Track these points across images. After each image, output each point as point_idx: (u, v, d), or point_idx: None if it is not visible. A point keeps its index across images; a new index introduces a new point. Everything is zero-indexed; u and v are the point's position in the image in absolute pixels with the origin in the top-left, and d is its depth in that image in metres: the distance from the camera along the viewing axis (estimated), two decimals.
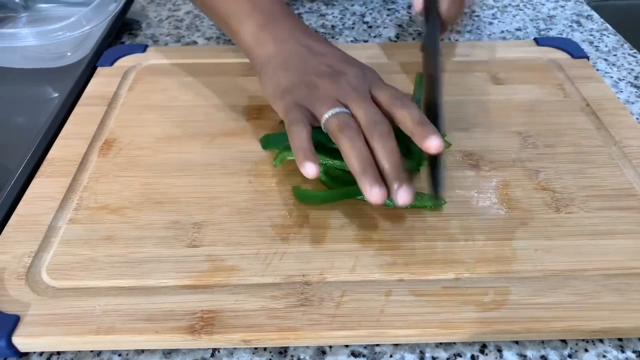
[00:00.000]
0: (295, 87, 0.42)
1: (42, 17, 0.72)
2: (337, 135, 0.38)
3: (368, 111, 0.39)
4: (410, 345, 0.35)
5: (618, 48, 0.65)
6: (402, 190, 0.35)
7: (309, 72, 0.42)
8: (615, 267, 0.37)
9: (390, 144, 0.37)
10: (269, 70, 0.44)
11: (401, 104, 0.39)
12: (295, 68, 0.43)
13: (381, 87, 0.42)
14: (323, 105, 0.40)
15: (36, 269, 0.38)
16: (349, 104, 0.40)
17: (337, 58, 0.44)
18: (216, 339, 0.34)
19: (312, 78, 0.42)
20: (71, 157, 0.47)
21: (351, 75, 0.42)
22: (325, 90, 0.41)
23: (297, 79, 0.42)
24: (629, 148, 0.47)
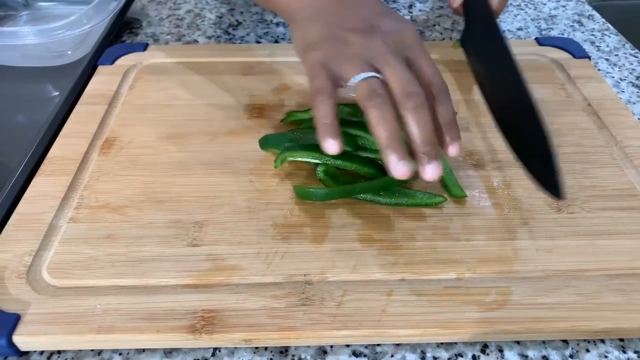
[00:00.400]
0: (324, 40, 0.38)
1: (43, 15, 0.72)
2: (365, 104, 0.35)
3: (402, 78, 0.35)
4: (411, 345, 0.35)
5: (619, 48, 0.64)
6: (430, 166, 0.34)
7: (341, 25, 0.38)
8: (617, 268, 0.37)
9: (423, 118, 0.34)
10: (299, 22, 0.40)
11: (437, 93, 0.36)
12: (326, 20, 0.39)
13: (419, 55, 0.37)
14: (352, 67, 0.36)
15: (37, 267, 0.38)
16: (382, 67, 0.36)
17: (376, 11, 0.39)
18: (217, 338, 0.34)
19: (343, 33, 0.38)
20: (72, 156, 0.47)
21: (388, 32, 0.37)
22: (357, 48, 0.37)
23: (327, 31, 0.38)
24: (630, 148, 0.47)
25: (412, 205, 0.42)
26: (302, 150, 0.42)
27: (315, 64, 0.37)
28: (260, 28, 0.69)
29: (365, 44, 0.37)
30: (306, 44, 0.39)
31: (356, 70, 0.36)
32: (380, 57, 0.36)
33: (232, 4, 0.75)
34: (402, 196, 0.42)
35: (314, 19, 0.39)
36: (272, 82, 0.55)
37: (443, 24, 0.69)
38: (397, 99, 0.35)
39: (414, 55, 0.37)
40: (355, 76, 0.36)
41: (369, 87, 0.35)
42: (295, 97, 0.53)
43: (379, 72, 0.36)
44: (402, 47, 0.37)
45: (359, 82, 0.35)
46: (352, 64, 0.36)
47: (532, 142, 0.39)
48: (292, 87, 0.55)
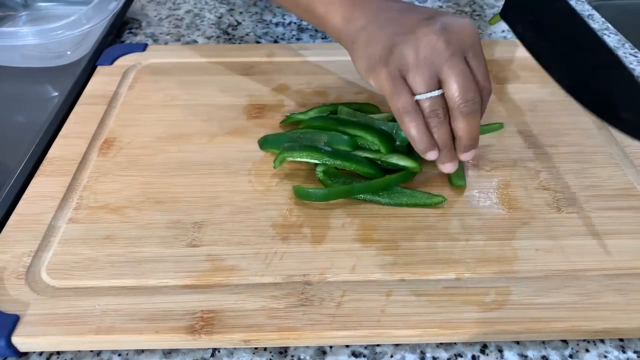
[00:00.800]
0: (389, 52, 0.38)
1: (42, 15, 0.72)
2: (431, 121, 0.39)
3: (463, 84, 0.37)
4: (410, 345, 0.35)
5: (619, 48, 0.64)
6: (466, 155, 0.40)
7: (402, 30, 0.38)
8: (616, 267, 0.37)
9: (473, 123, 0.38)
10: (360, 43, 0.40)
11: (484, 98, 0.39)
12: (387, 32, 0.39)
13: (478, 56, 0.39)
14: (421, 79, 0.38)
15: (36, 268, 0.38)
16: (446, 72, 0.37)
17: (433, 11, 0.40)
18: (216, 339, 0.34)
19: (407, 35, 0.38)
20: (71, 157, 0.47)
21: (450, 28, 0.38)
22: (421, 53, 0.37)
23: (391, 42, 0.38)
24: (630, 148, 0.47)
25: (412, 205, 0.42)
26: (301, 151, 0.42)
27: (389, 80, 0.38)
28: (259, 28, 0.69)
29: (429, 44, 0.37)
30: (373, 63, 0.39)
31: (423, 84, 0.38)
32: (444, 60, 0.37)
33: (232, 4, 0.75)
34: (401, 196, 0.42)
35: (374, 37, 0.40)
36: (271, 82, 0.55)
37: None
38: (455, 102, 0.38)
39: (473, 56, 0.38)
40: (421, 94, 0.38)
41: (431, 107, 0.38)
42: (294, 97, 0.53)
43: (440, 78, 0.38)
44: (463, 46, 0.38)
45: (423, 99, 0.38)
46: (421, 75, 0.38)
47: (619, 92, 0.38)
48: (292, 87, 0.55)
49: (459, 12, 0.71)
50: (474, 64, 0.38)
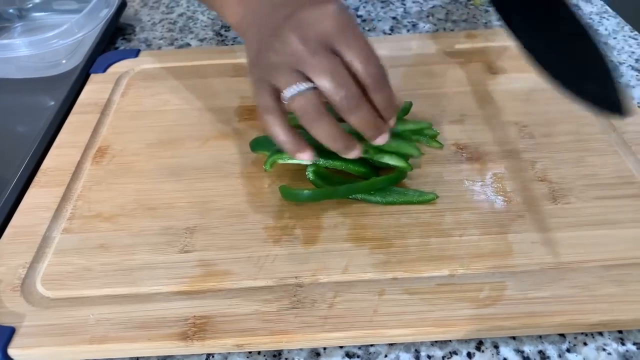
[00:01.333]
0: (258, 52, 0.37)
1: (37, 26, 0.72)
2: (304, 123, 0.36)
3: (331, 82, 0.34)
4: (405, 344, 0.35)
5: (618, 31, 0.63)
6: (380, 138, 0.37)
7: (267, 31, 0.37)
8: (614, 258, 0.37)
9: (363, 116, 0.35)
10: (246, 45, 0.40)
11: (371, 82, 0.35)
12: (257, 36, 0.38)
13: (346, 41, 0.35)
14: (283, 78, 0.35)
15: (31, 280, 0.38)
16: (308, 73, 0.34)
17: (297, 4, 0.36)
18: (209, 344, 0.34)
19: (268, 39, 0.36)
20: (65, 167, 0.47)
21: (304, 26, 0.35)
22: (280, 54, 0.35)
23: (257, 46, 0.37)
24: (628, 134, 0.46)
25: (403, 203, 0.41)
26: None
27: (255, 81, 0.37)
28: None
29: (286, 46, 0.35)
30: (249, 63, 0.39)
31: (287, 81, 0.35)
32: (303, 62, 0.35)
33: None
34: (392, 194, 0.41)
35: (250, 32, 0.39)
36: None
37: (437, 14, 0.68)
38: (333, 105, 0.35)
39: (340, 43, 0.35)
40: (287, 90, 0.35)
41: (302, 102, 0.35)
42: None
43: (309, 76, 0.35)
44: (323, 39, 0.35)
45: (291, 97, 0.35)
46: (282, 75, 0.35)
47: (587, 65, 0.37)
48: None
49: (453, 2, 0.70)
50: (344, 50, 0.35)
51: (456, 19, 0.67)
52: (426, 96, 0.52)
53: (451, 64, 0.56)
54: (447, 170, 0.44)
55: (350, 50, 0.35)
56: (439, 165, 0.44)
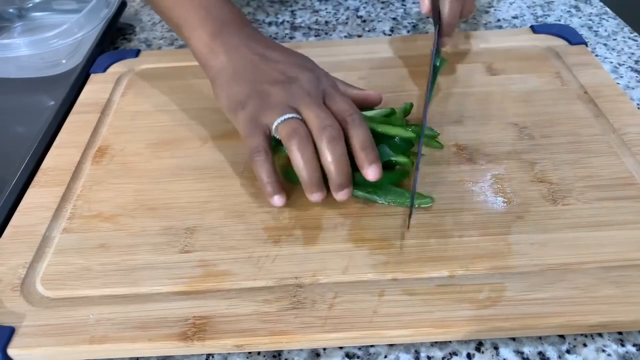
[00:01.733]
0: (249, 98, 0.41)
1: (37, 25, 0.72)
2: (287, 144, 0.39)
3: (318, 115, 0.39)
4: (405, 345, 0.35)
5: (618, 32, 0.63)
6: (342, 192, 0.39)
7: (261, 80, 0.42)
8: (613, 259, 0.37)
9: (337, 150, 0.38)
10: (222, 82, 0.44)
11: (351, 121, 0.39)
12: (247, 78, 0.42)
13: (334, 97, 0.41)
14: (274, 113, 0.40)
15: (31, 279, 0.38)
16: (300, 108, 0.40)
17: (291, 63, 0.43)
18: (209, 344, 0.34)
19: (264, 87, 0.41)
20: (65, 166, 0.47)
21: (304, 80, 0.42)
22: (277, 97, 0.41)
23: (250, 89, 0.42)
24: (628, 135, 0.46)
25: (399, 204, 0.41)
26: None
27: (246, 122, 0.41)
28: None
29: (284, 92, 0.41)
30: (233, 105, 0.42)
31: (277, 114, 0.39)
32: (299, 100, 0.40)
33: None
34: (391, 194, 0.41)
35: (235, 79, 0.43)
36: None
37: None
38: (314, 133, 0.38)
39: (330, 96, 0.41)
40: (276, 120, 0.39)
41: (289, 127, 0.39)
42: None
43: (299, 112, 0.40)
44: (318, 91, 0.41)
45: (280, 124, 0.39)
46: (274, 110, 0.40)
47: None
48: None
49: None
50: (331, 100, 0.41)
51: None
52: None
53: (451, 64, 0.56)
54: (446, 171, 0.44)
55: (338, 99, 0.41)
56: (439, 166, 0.44)
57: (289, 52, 0.46)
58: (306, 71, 0.43)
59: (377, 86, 0.52)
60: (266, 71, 0.43)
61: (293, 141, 0.38)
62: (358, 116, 0.40)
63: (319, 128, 0.38)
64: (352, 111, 0.40)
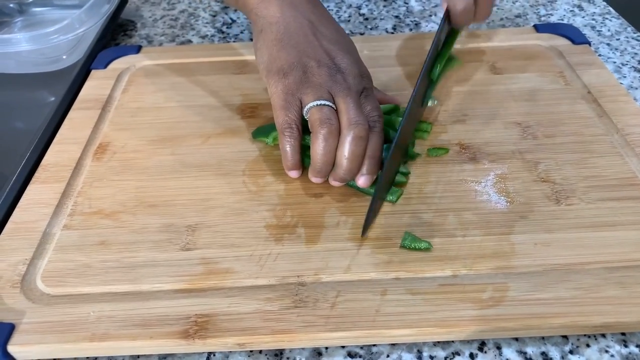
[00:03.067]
0: (293, 68, 0.40)
1: (38, 21, 0.72)
2: (315, 129, 0.39)
3: (352, 109, 0.39)
4: (407, 344, 0.35)
5: (621, 32, 0.63)
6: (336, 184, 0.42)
7: (309, 54, 0.41)
8: (617, 260, 0.36)
9: (358, 150, 0.38)
10: (269, 39, 0.42)
11: (374, 127, 0.40)
12: (296, 46, 0.41)
13: (370, 98, 0.41)
14: (312, 94, 0.39)
15: (31, 276, 0.38)
16: (337, 98, 0.39)
17: (341, 50, 0.42)
18: (210, 343, 0.33)
19: (311, 63, 0.40)
20: (66, 163, 0.47)
21: (349, 73, 0.41)
22: (320, 78, 0.40)
23: (296, 59, 0.41)
24: (631, 136, 0.46)
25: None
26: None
27: (283, 93, 0.40)
28: None
29: (328, 77, 0.40)
30: (274, 69, 0.41)
31: (315, 96, 0.39)
32: (340, 90, 0.40)
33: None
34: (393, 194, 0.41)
35: (283, 42, 0.42)
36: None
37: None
38: (343, 125, 0.38)
39: (366, 96, 0.41)
40: (312, 102, 0.39)
41: (321, 114, 0.38)
42: None
43: (334, 101, 0.40)
44: (358, 88, 0.41)
45: (314, 107, 0.39)
46: (314, 91, 0.39)
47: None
48: None
49: None
50: (366, 102, 0.41)
51: None
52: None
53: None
54: (449, 170, 0.44)
55: (371, 104, 0.41)
56: (442, 165, 0.44)
57: (341, 32, 0.44)
58: (353, 64, 0.42)
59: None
60: (316, 47, 0.41)
61: (322, 129, 0.38)
62: (380, 125, 0.40)
63: (349, 122, 0.38)
64: (378, 118, 0.41)
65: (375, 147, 0.40)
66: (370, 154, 0.39)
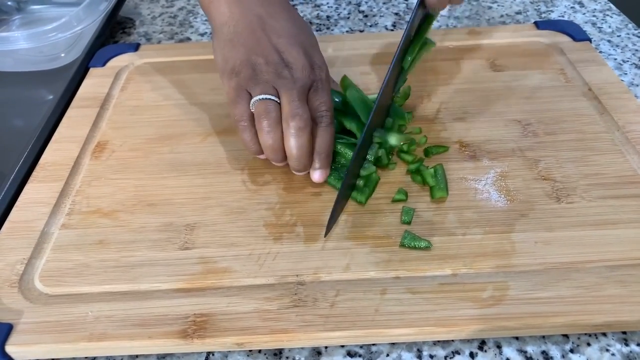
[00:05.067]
0: (243, 67, 0.42)
1: (36, 18, 0.71)
2: (257, 122, 0.40)
3: (292, 102, 0.39)
4: (407, 343, 0.35)
5: (622, 28, 0.63)
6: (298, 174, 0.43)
7: (257, 52, 0.42)
8: (618, 258, 0.36)
9: (299, 141, 0.39)
10: (221, 40, 0.44)
11: (320, 122, 0.41)
12: (245, 44, 0.43)
13: (319, 91, 0.42)
14: (258, 89, 0.41)
15: (29, 276, 0.38)
16: (281, 92, 0.40)
17: (292, 43, 0.43)
18: (209, 342, 0.33)
19: (259, 60, 0.42)
20: (64, 161, 0.46)
21: (298, 68, 0.42)
22: (267, 75, 0.41)
23: (245, 57, 0.42)
24: (632, 133, 0.45)
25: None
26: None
27: (234, 89, 0.42)
28: None
29: (275, 74, 0.41)
30: (227, 68, 0.43)
31: (261, 91, 0.40)
32: (284, 85, 0.41)
33: None
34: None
35: (233, 41, 0.43)
36: None
37: None
38: (283, 118, 0.40)
39: (315, 89, 0.41)
40: (257, 96, 0.40)
41: (264, 106, 0.40)
42: None
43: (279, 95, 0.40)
44: (306, 82, 0.41)
45: (258, 101, 0.40)
46: (260, 87, 0.41)
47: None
48: None
49: None
50: (315, 99, 0.41)
51: (459, 15, 0.67)
52: (429, 93, 0.51)
53: (454, 60, 0.55)
54: (449, 168, 0.43)
55: (320, 96, 0.41)
56: (442, 163, 0.44)
57: (294, 22, 0.45)
58: (302, 57, 0.42)
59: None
60: (264, 43, 0.42)
61: (263, 121, 0.39)
62: (328, 119, 0.41)
63: (288, 114, 0.39)
64: (326, 112, 0.41)
65: (322, 142, 0.40)
66: (318, 149, 0.40)
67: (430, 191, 0.41)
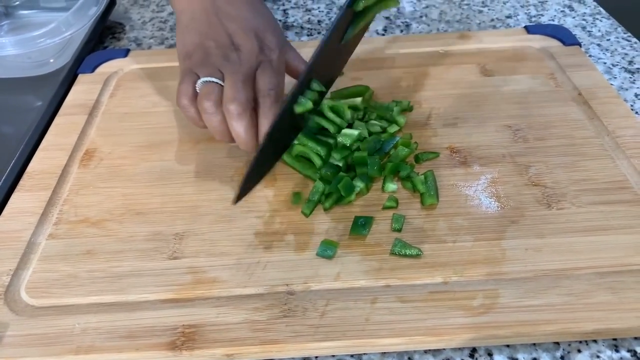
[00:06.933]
0: (195, 51, 0.43)
1: (24, 24, 0.71)
2: (198, 104, 0.41)
3: (232, 86, 0.40)
4: (398, 352, 0.34)
5: (611, 32, 0.63)
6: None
7: (209, 37, 0.43)
8: (608, 265, 0.36)
9: (239, 126, 0.39)
10: (180, 27, 0.46)
11: (263, 102, 0.40)
12: (199, 30, 0.44)
13: (266, 71, 0.42)
14: (204, 72, 0.41)
15: (15, 287, 0.37)
16: (225, 76, 0.41)
17: (244, 28, 0.44)
18: (198, 354, 0.33)
19: (210, 44, 0.43)
20: (51, 170, 0.46)
21: (246, 50, 0.43)
22: (215, 59, 0.42)
23: (198, 42, 0.44)
24: (622, 138, 0.45)
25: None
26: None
27: (185, 70, 0.43)
28: None
29: (223, 57, 0.42)
30: (183, 52, 0.44)
31: (206, 74, 0.41)
32: (228, 68, 0.41)
33: None
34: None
35: (189, 28, 0.45)
36: None
37: (430, 15, 0.68)
38: (224, 101, 0.40)
39: (263, 69, 0.42)
40: (201, 79, 0.41)
41: (206, 89, 0.40)
42: None
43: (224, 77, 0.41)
44: (252, 64, 0.42)
45: (202, 84, 0.41)
46: (206, 70, 0.41)
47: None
48: None
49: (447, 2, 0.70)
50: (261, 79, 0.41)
51: (450, 19, 0.67)
52: (419, 98, 0.51)
53: (444, 65, 0.55)
54: (440, 174, 0.43)
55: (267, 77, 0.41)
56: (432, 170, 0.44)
57: (249, 7, 0.45)
58: (254, 39, 0.43)
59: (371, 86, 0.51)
60: (217, 29, 0.44)
61: (204, 103, 0.40)
62: (272, 98, 0.40)
63: (226, 99, 0.39)
64: (270, 91, 0.41)
65: (265, 122, 0.40)
66: (261, 130, 0.40)
67: (420, 198, 0.41)
